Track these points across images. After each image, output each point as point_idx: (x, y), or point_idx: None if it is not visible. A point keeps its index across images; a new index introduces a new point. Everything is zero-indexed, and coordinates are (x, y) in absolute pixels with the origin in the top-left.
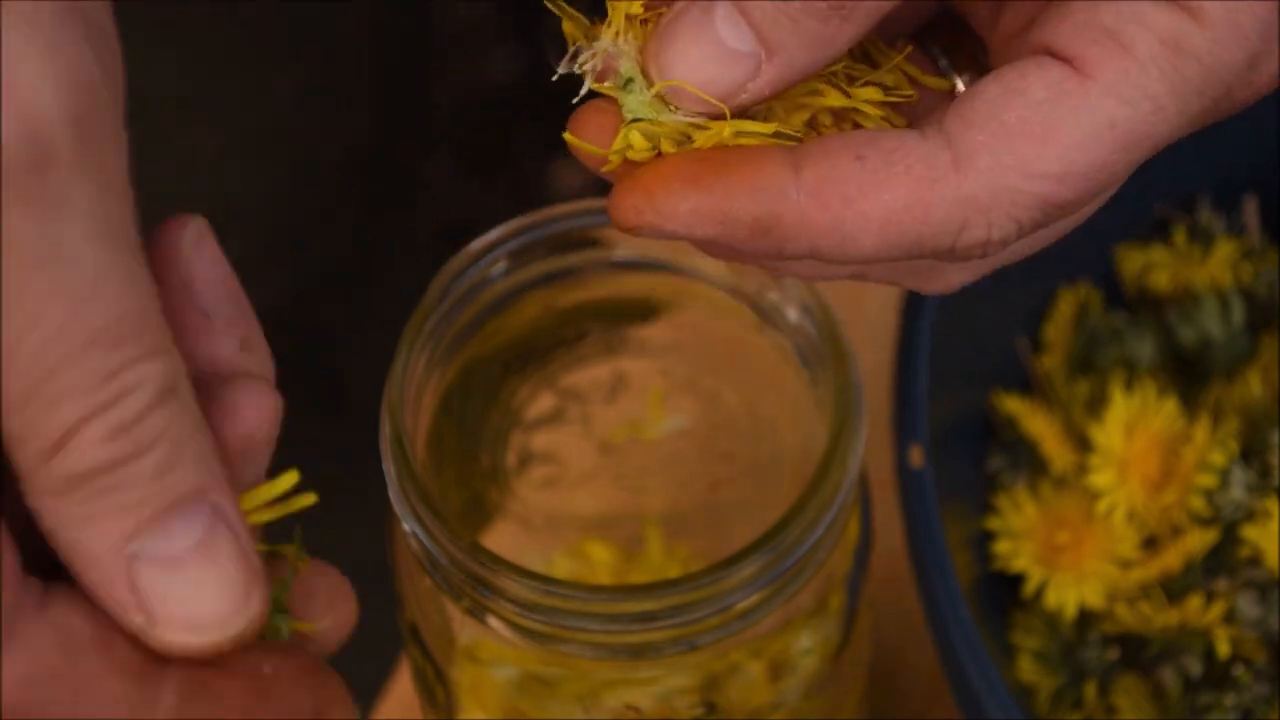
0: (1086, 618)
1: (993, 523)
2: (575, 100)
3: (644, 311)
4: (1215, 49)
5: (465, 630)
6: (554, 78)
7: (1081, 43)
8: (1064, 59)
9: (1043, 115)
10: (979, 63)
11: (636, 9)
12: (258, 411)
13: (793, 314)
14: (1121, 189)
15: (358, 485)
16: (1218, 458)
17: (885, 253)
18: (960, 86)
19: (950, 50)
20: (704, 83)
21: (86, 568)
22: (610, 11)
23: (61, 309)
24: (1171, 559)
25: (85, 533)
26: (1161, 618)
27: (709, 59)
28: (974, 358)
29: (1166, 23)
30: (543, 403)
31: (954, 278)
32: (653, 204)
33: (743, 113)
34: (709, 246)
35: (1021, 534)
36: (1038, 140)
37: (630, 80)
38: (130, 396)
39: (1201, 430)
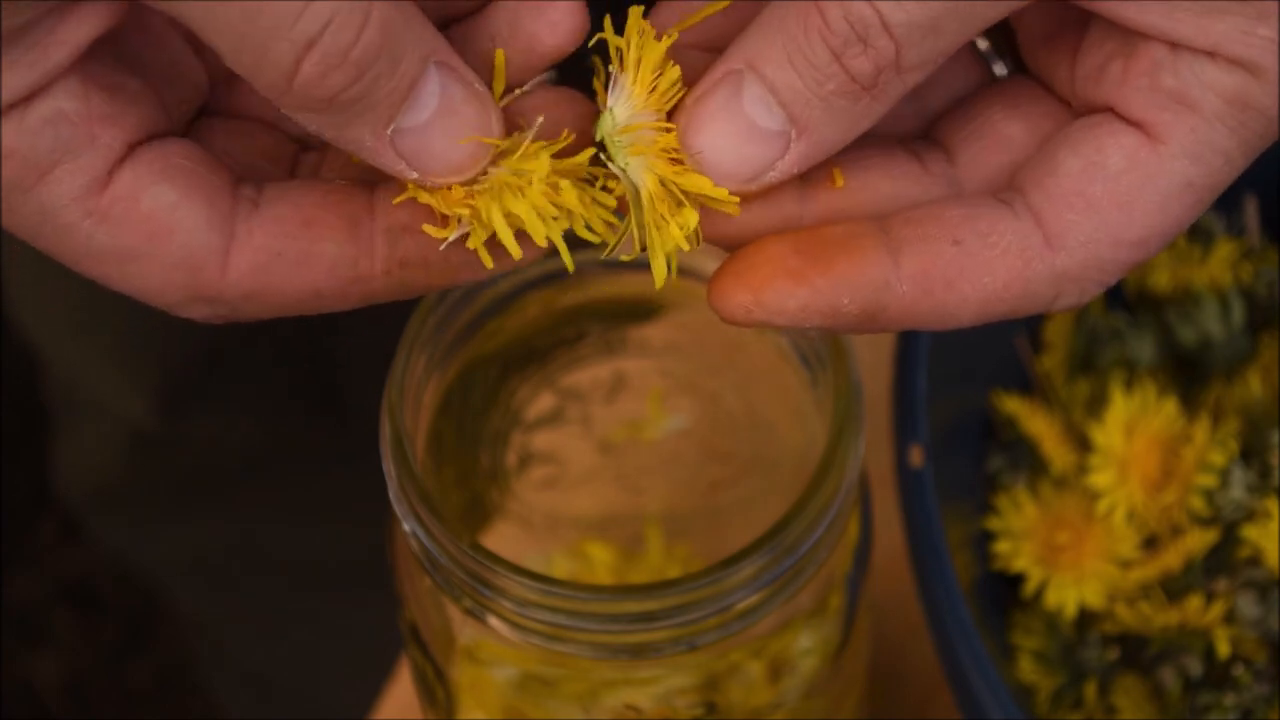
0: (1086, 618)
1: (993, 523)
2: None
3: (644, 311)
4: (1277, 100)
5: (465, 630)
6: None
7: (1148, 107)
8: (1133, 123)
9: (1125, 186)
10: (1015, 49)
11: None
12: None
13: None
14: None
15: (358, 485)
16: (1218, 458)
17: (982, 322)
18: (1000, 71)
19: (988, 33)
20: (734, 162)
21: (357, 150)
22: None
23: None
24: (1171, 559)
25: (346, 133)
26: (1161, 618)
27: (739, 138)
28: (974, 358)
29: (1229, 82)
30: (543, 403)
31: None
32: (761, 304)
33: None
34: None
35: (1021, 534)
36: (1124, 211)
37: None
38: (333, 26)
39: (1201, 430)
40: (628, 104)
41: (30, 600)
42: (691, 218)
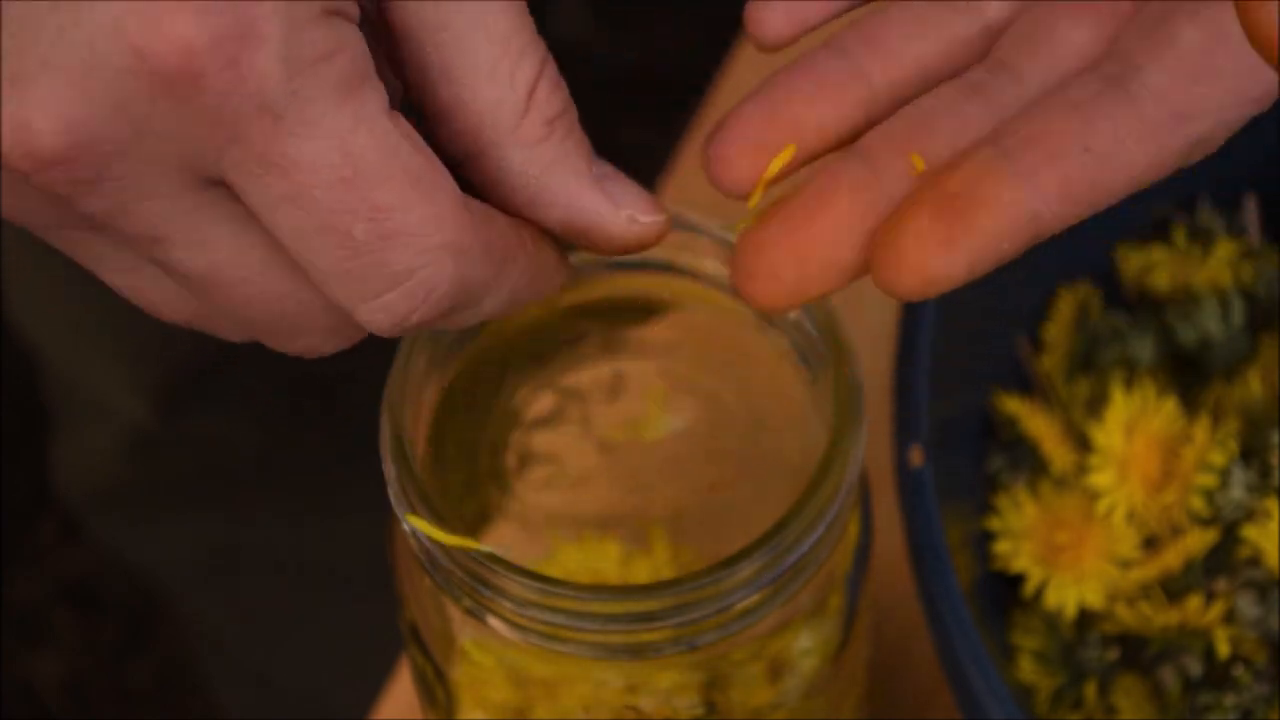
0: (1086, 618)
1: (993, 523)
2: None
3: (644, 311)
4: None
5: (465, 630)
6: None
7: None
8: None
9: (1250, 52)
10: None
11: None
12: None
13: (792, 314)
14: None
15: (358, 485)
16: (1218, 458)
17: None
18: None
19: None
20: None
21: (571, 195)
22: None
23: None
24: (1171, 559)
25: (564, 168)
26: (1161, 618)
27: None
28: (974, 358)
29: None
30: (543, 403)
31: None
32: (933, 281)
33: None
34: None
35: (1021, 534)
36: (1251, 75)
37: None
38: (549, 57)
39: (1201, 430)
40: None
41: (30, 600)
42: None
